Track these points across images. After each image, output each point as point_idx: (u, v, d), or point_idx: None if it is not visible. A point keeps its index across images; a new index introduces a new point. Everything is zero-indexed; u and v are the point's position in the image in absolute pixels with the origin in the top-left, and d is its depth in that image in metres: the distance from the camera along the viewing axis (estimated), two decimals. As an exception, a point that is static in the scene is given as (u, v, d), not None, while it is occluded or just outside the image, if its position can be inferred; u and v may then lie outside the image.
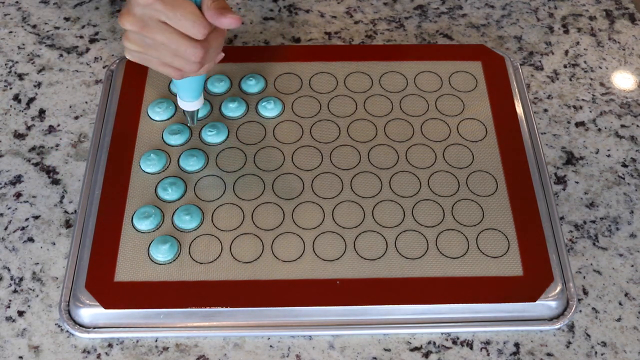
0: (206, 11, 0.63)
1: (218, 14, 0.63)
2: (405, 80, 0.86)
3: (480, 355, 0.68)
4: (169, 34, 0.64)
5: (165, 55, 0.66)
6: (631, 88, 0.88)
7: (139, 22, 0.64)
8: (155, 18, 0.63)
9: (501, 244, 0.73)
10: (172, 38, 0.64)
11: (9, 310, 0.70)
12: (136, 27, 0.64)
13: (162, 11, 0.63)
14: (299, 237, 0.73)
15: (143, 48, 0.66)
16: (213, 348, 0.68)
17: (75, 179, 0.79)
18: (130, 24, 0.64)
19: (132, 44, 0.67)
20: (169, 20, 0.63)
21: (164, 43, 0.65)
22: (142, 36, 0.65)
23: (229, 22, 0.64)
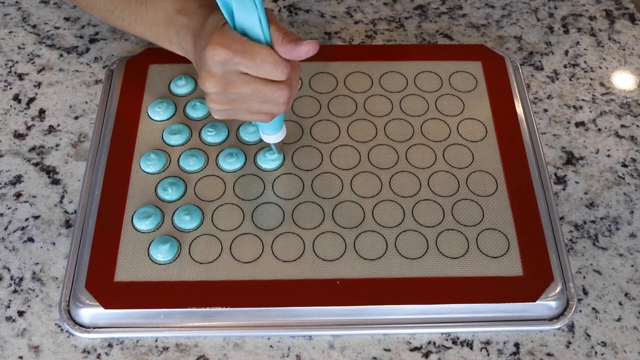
0: (280, 48, 0.62)
1: (293, 46, 0.62)
2: (405, 80, 0.86)
3: (480, 355, 0.68)
4: (254, 83, 0.63)
5: (253, 105, 0.65)
6: (631, 88, 0.88)
7: (222, 82, 0.63)
8: (236, 71, 0.63)
9: (501, 244, 0.73)
10: (257, 87, 0.63)
11: (9, 310, 0.70)
12: (220, 87, 0.64)
13: (241, 63, 0.62)
14: (299, 237, 0.73)
15: (230, 105, 0.66)
16: (213, 348, 0.68)
17: (75, 179, 0.79)
18: (213, 85, 0.64)
19: (218, 104, 0.66)
20: (249, 70, 0.63)
21: (250, 94, 0.64)
22: (227, 94, 0.64)
23: (307, 50, 0.62)
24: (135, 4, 0.73)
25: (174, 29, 0.70)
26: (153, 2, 0.71)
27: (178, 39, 0.70)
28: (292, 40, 0.62)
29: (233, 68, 0.63)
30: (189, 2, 0.69)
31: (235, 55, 0.62)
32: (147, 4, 0.72)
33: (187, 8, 0.69)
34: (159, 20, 0.71)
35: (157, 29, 0.72)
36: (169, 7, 0.70)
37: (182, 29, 0.69)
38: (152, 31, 0.73)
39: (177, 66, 0.86)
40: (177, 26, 0.69)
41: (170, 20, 0.70)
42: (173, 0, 0.70)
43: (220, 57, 0.62)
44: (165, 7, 0.70)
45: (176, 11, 0.70)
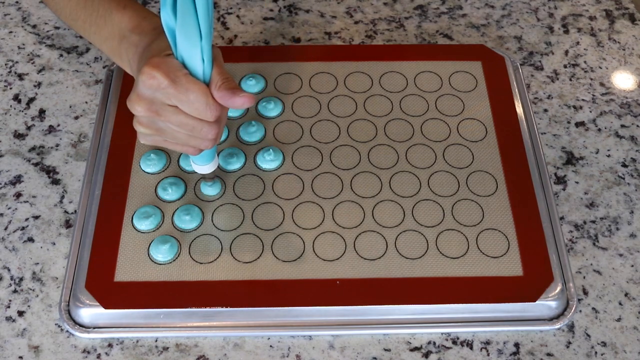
0: (216, 93, 0.62)
1: (230, 95, 0.61)
2: (405, 80, 0.86)
3: (480, 355, 0.68)
4: (183, 116, 0.62)
5: (180, 137, 0.64)
6: (631, 88, 0.88)
7: (151, 107, 0.62)
8: (166, 102, 0.62)
9: (501, 244, 0.73)
10: (185, 121, 0.63)
11: (9, 310, 0.70)
12: (148, 113, 0.62)
13: (173, 95, 0.61)
14: (299, 237, 0.73)
15: (156, 131, 0.65)
16: (213, 348, 0.68)
17: (75, 179, 0.79)
18: (141, 108, 0.62)
19: (145, 128, 0.65)
20: (180, 104, 0.61)
21: (177, 125, 0.63)
22: (155, 120, 0.63)
23: (242, 102, 0.62)
24: (96, 16, 0.72)
25: (125, 46, 0.69)
26: (111, 16, 0.70)
27: (127, 56, 0.69)
28: (229, 88, 0.61)
29: (163, 98, 0.61)
30: (143, 22, 0.69)
31: (170, 84, 0.60)
32: (105, 17, 0.71)
33: (140, 27, 0.68)
34: (114, 35, 0.70)
35: (111, 44, 0.71)
36: (125, 23, 0.69)
37: (132, 47, 0.68)
38: (106, 45, 0.72)
39: (177, 66, 0.86)
40: (128, 43, 0.68)
41: (123, 36, 0.69)
42: (129, 17, 0.69)
43: (154, 82, 0.60)
44: (122, 23, 0.69)
45: (130, 29, 0.69)
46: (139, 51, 0.66)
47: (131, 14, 0.70)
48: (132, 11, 0.70)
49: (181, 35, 0.59)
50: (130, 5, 0.71)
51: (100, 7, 0.72)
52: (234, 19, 0.94)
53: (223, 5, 0.96)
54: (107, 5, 0.71)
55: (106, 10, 0.71)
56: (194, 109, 0.61)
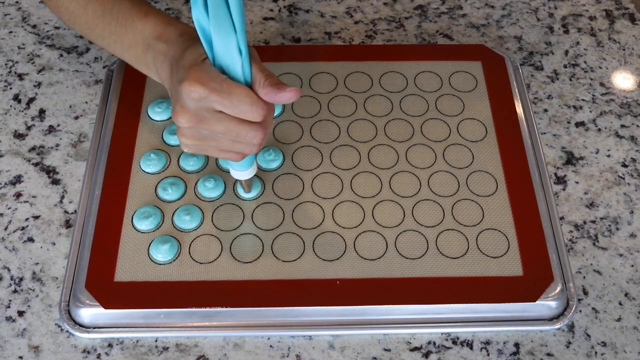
0: (260, 90, 0.61)
1: (276, 90, 0.61)
2: (405, 80, 0.86)
3: (480, 355, 0.68)
4: (227, 122, 0.62)
5: (225, 143, 0.64)
6: (631, 88, 0.88)
7: (195, 117, 0.62)
8: (211, 109, 0.61)
9: (501, 244, 0.73)
10: (231, 126, 0.62)
11: (9, 310, 0.70)
12: (193, 123, 0.62)
13: (217, 101, 0.61)
14: (299, 237, 0.73)
15: (201, 140, 0.64)
16: (213, 348, 0.68)
17: (75, 179, 0.79)
18: (186, 120, 0.62)
19: (189, 139, 0.65)
20: (225, 109, 0.61)
21: (223, 132, 0.63)
22: (199, 129, 0.63)
23: (289, 97, 0.61)
24: (115, 25, 0.71)
25: (151, 54, 0.68)
26: (133, 24, 0.69)
27: (155, 65, 0.68)
28: (274, 84, 0.61)
29: (208, 105, 0.61)
30: (168, 29, 0.68)
31: (211, 93, 0.60)
32: (126, 26, 0.70)
33: (166, 34, 0.67)
34: (137, 44, 0.69)
35: (135, 52, 0.70)
36: (148, 31, 0.68)
37: (160, 56, 0.67)
38: (129, 54, 0.71)
39: (177, 66, 0.86)
40: (155, 52, 0.67)
41: (149, 45, 0.68)
42: (153, 24, 0.68)
43: (196, 94, 0.60)
44: (145, 31, 0.68)
45: (155, 36, 0.68)
46: (169, 59, 0.66)
47: (154, 21, 0.68)
48: (155, 18, 0.69)
49: (216, 32, 0.59)
50: (152, 13, 0.70)
51: (119, 15, 0.71)
52: (234, 19, 0.94)
53: (223, 5, 0.96)
54: (127, 14, 0.70)
55: (127, 19, 0.70)
56: (240, 110, 0.61)
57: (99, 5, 0.72)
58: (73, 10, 0.74)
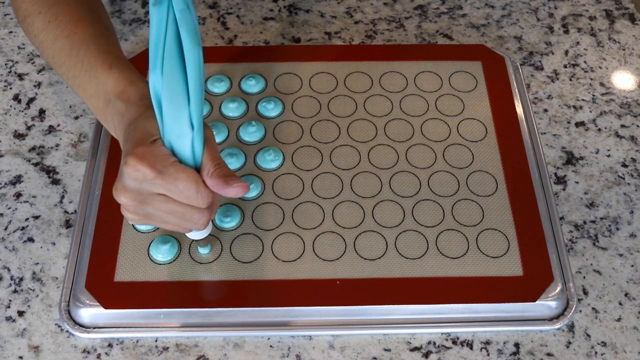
0: (208, 180, 0.58)
1: (223, 184, 0.58)
2: (405, 80, 0.86)
3: (480, 355, 0.68)
4: (172, 204, 0.59)
5: (171, 220, 0.62)
6: (631, 88, 0.88)
7: (137, 197, 0.59)
8: (154, 191, 0.58)
9: (501, 244, 0.73)
10: (175, 208, 0.60)
11: (9, 310, 0.70)
12: (134, 202, 0.59)
13: (162, 185, 0.58)
14: (299, 237, 0.73)
15: (145, 217, 0.62)
16: (213, 348, 0.68)
17: (75, 179, 0.79)
18: (127, 199, 0.59)
19: (133, 215, 0.61)
20: (169, 193, 0.58)
21: (167, 212, 0.60)
22: (143, 208, 0.60)
23: (236, 192, 0.59)
24: (80, 69, 0.67)
25: (110, 111, 0.64)
26: (96, 74, 0.66)
27: (113, 123, 0.64)
28: (222, 176, 0.58)
29: (151, 188, 0.58)
30: (130, 88, 0.64)
31: (157, 176, 0.57)
32: (90, 74, 0.66)
33: (126, 94, 0.64)
34: (99, 95, 0.66)
35: (97, 103, 0.66)
36: (110, 86, 0.65)
37: (117, 115, 0.63)
38: (91, 103, 0.68)
39: (177, 66, 0.86)
40: (114, 109, 0.64)
41: (109, 100, 0.65)
42: (115, 80, 0.65)
43: (139, 174, 0.57)
44: (107, 84, 0.65)
45: (116, 93, 0.64)
46: (125, 122, 0.62)
47: (117, 76, 0.65)
48: (119, 73, 0.65)
49: (167, 102, 0.55)
50: (117, 65, 0.66)
51: (84, 60, 0.67)
52: (234, 19, 0.94)
53: (223, 5, 0.96)
54: (92, 61, 0.67)
55: (91, 67, 0.66)
56: (184, 197, 0.58)
57: (67, 44, 0.69)
58: (42, 40, 0.71)
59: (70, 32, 0.69)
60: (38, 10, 0.71)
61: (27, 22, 0.73)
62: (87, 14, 0.71)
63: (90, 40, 0.68)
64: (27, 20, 0.73)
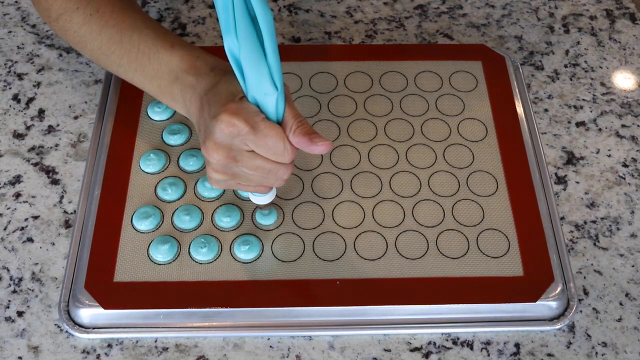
0: (292, 137, 0.61)
1: (308, 142, 0.61)
2: (405, 80, 0.86)
3: (481, 355, 0.68)
4: (260, 160, 0.62)
5: (254, 179, 0.64)
6: (632, 88, 0.88)
7: (229, 154, 0.61)
8: (244, 147, 0.61)
9: (501, 244, 0.72)
10: (262, 164, 0.62)
11: (8, 310, 0.70)
12: (226, 160, 0.61)
13: (252, 141, 0.60)
14: (298, 237, 0.73)
15: (232, 177, 0.64)
16: (213, 348, 0.68)
17: (74, 179, 0.78)
18: (219, 156, 0.61)
19: (220, 175, 0.64)
20: (258, 149, 0.61)
21: (254, 170, 0.63)
22: (231, 166, 0.62)
23: (321, 150, 0.61)
24: (137, 52, 0.68)
25: (178, 87, 0.66)
26: (157, 54, 0.67)
27: (183, 97, 0.66)
28: (307, 134, 0.61)
29: (241, 144, 0.61)
30: (198, 61, 0.66)
31: (250, 131, 0.59)
32: (150, 55, 0.68)
33: (195, 68, 0.66)
34: (163, 75, 0.67)
35: (159, 83, 0.68)
36: (175, 63, 0.66)
37: (189, 89, 0.65)
38: (152, 84, 0.69)
39: (176, 66, 0.86)
40: (183, 85, 0.66)
41: (176, 77, 0.66)
42: (180, 56, 0.66)
43: (234, 129, 0.59)
44: (172, 62, 0.66)
45: (183, 69, 0.66)
46: (198, 93, 0.64)
47: (182, 53, 0.66)
48: (183, 50, 0.67)
49: (247, 63, 0.57)
50: (177, 43, 0.67)
51: (140, 44, 0.68)
52: (233, 19, 0.94)
53: (223, 5, 0.95)
54: (150, 43, 0.68)
55: (150, 49, 0.68)
56: (272, 153, 0.61)
57: (116, 32, 0.69)
58: (84, 34, 0.71)
59: (117, 21, 0.70)
60: (75, 6, 0.71)
61: (63, 20, 0.72)
62: (126, 4, 0.72)
63: (141, 26, 0.69)
64: (63, 17, 0.72)
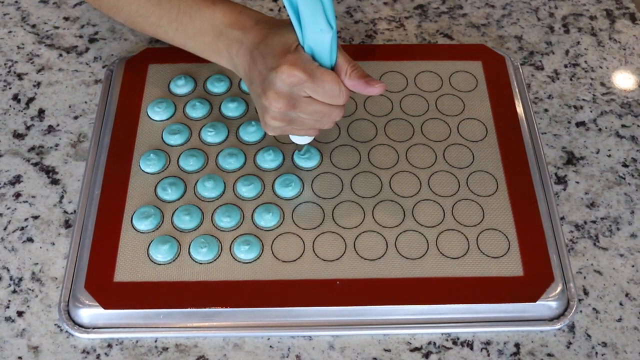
0: (347, 81, 0.65)
1: (365, 84, 0.64)
2: (406, 80, 0.86)
3: (481, 355, 0.68)
4: (316, 105, 0.65)
5: (309, 123, 0.68)
6: (632, 88, 0.88)
7: (289, 102, 0.65)
8: (301, 94, 0.64)
9: (501, 244, 0.72)
10: (318, 109, 0.66)
11: (8, 310, 0.70)
12: (287, 107, 0.65)
13: (310, 87, 0.64)
14: (299, 237, 0.73)
15: (288, 123, 0.67)
16: (213, 348, 0.68)
17: (74, 179, 0.78)
18: (281, 105, 0.65)
19: (279, 122, 0.67)
20: (315, 94, 0.64)
21: (310, 114, 0.66)
22: (289, 113, 0.66)
23: (378, 91, 0.65)
24: (177, 12, 0.71)
25: (223, 42, 0.69)
26: (199, 12, 0.69)
27: (228, 52, 0.69)
28: (361, 77, 0.65)
29: (300, 91, 0.64)
30: (241, 16, 0.68)
31: (308, 79, 0.63)
32: (191, 14, 0.70)
33: (240, 22, 0.68)
34: (206, 32, 0.69)
35: (203, 40, 0.70)
36: (219, 19, 0.69)
37: (235, 43, 0.68)
38: (195, 41, 0.71)
39: (176, 66, 0.86)
40: (229, 40, 0.68)
41: (220, 32, 0.68)
42: (223, 12, 0.69)
43: (294, 79, 0.63)
44: (215, 18, 0.69)
45: (227, 24, 0.68)
46: (247, 47, 0.67)
47: (224, 9, 0.69)
48: (224, 6, 0.69)
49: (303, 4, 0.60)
50: (219, 1, 0.70)
51: (180, 4, 0.70)
52: (233, 19, 0.94)
53: (223, 5, 0.95)
54: (190, 2, 0.70)
55: (191, 7, 0.70)
56: (328, 97, 0.65)
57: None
58: None
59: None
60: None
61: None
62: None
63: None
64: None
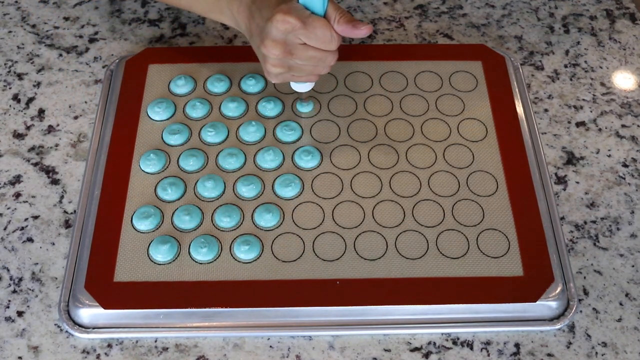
0: (337, 26, 0.69)
1: (352, 27, 0.69)
2: (406, 80, 0.86)
3: (481, 355, 0.68)
4: (312, 51, 0.70)
5: (307, 69, 0.72)
6: (632, 88, 0.88)
7: (285, 48, 0.69)
8: (297, 40, 0.69)
9: (501, 244, 0.72)
10: (313, 54, 0.70)
11: (8, 310, 0.70)
12: (283, 54, 0.69)
13: (303, 34, 0.68)
14: (298, 237, 0.73)
15: (287, 69, 0.72)
16: (213, 348, 0.68)
17: (74, 179, 0.78)
18: (278, 51, 0.69)
19: (277, 68, 0.72)
20: (308, 40, 0.69)
21: (306, 60, 0.70)
22: (286, 59, 0.70)
23: (364, 33, 0.69)
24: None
25: (225, 1, 0.73)
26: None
27: (230, 10, 0.73)
28: (349, 21, 0.69)
29: (294, 38, 0.68)
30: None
31: (301, 26, 0.67)
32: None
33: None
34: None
35: (207, 0, 0.75)
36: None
37: (235, 1, 0.73)
38: (200, 3, 0.76)
39: (176, 66, 0.86)
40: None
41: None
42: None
43: (288, 26, 0.67)
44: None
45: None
46: (246, 4, 0.72)
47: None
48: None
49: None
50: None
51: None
52: (233, 19, 0.94)
53: (223, 5, 0.95)
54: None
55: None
56: (321, 42, 0.69)
57: None
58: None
59: None
60: None
61: None
62: None
63: None
64: None
